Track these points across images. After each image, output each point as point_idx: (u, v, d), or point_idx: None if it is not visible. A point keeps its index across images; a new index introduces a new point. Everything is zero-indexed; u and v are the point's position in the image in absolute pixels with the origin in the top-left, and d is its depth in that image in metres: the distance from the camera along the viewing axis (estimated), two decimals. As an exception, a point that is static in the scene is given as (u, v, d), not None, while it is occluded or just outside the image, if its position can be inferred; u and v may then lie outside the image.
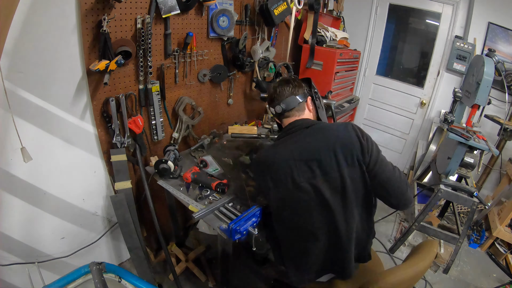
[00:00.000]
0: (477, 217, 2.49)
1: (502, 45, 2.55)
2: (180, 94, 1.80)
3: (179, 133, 1.84)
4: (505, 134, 2.22)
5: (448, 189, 1.90)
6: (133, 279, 1.15)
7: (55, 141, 1.35)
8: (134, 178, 1.71)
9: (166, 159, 1.54)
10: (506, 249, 2.26)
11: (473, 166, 1.91)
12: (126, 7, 1.35)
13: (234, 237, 1.18)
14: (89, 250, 1.63)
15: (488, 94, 1.79)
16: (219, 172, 1.66)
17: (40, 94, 1.24)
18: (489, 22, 2.56)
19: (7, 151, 1.20)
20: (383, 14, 3.13)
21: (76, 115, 1.38)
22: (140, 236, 1.63)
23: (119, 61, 1.28)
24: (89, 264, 1.11)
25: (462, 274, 2.13)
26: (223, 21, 1.79)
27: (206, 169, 1.66)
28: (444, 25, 2.81)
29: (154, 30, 1.48)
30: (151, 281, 1.65)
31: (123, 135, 1.54)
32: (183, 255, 1.88)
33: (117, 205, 1.52)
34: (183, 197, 1.45)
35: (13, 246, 1.35)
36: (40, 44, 1.17)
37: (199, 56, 1.78)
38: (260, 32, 2.12)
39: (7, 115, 1.13)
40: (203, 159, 1.69)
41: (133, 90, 1.54)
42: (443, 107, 2.97)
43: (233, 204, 1.41)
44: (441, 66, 2.91)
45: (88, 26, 1.26)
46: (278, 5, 1.98)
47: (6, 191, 1.26)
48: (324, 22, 2.77)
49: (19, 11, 1.04)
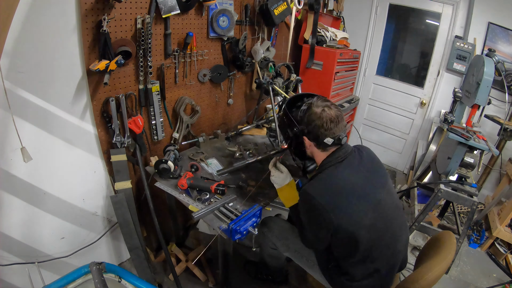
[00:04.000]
0: (477, 217, 2.49)
1: (502, 45, 2.55)
2: (180, 94, 1.80)
3: (180, 133, 1.84)
4: (505, 134, 2.22)
5: (448, 189, 1.90)
6: (133, 279, 1.15)
7: (55, 141, 1.35)
8: (134, 178, 1.70)
9: (166, 159, 1.53)
10: (506, 249, 2.26)
11: (473, 166, 1.91)
12: (126, 7, 1.35)
13: (234, 237, 1.18)
14: (89, 250, 1.63)
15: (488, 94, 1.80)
16: (224, 171, 1.66)
17: (40, 94, 1.23)
18: (489, 22, 2.56)
19: (7, 151, 1.20)
20: (383, 14, 3.13)
21: (76, 115, 1.38)
22: (140, 236, 1.63)
23: (119, 61, 1.28)
24: (89, 264, 1.11)
25: (462, 274, 2.13)
26: (223, 21, 1.79)
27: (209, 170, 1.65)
28: (444, 25, 2.81)
29: (154, 30, 1.48)
30: (151, 281, 1.65)
31: (123, 135, 1.53)
32: (183, 255, 1.88)
33: (117, 205, 1.52)
34: (183, 197, 1.45)
35: (13, 246, 1.35)
36: (40, 44, 1.17)
37: (199, 56, 1.78)
38: (260, 32, 2.12)
39: (7, 115, 1.13)
40: (195, 163, 1.67)
41: (133, 90, 1.54)
42: (443, 107, 2.97)
43: (233, 204, 1.41)
44: (441, 66, 2.91)
45: (88, 26, 1.26)
46: (278, 5, 1.98)
47: (6, 191, 1.26)
48: (324, 22, 2.77)
49: (19, 11, 1.04)
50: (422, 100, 3.11)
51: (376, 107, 3.46)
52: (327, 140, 1.11)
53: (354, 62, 2.90)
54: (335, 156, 1.15)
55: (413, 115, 3.23)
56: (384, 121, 3.45)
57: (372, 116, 3.52)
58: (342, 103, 2.78)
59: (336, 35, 2.69)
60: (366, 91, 3.46)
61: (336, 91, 2.75)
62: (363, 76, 3.42)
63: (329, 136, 1.11)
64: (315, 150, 1.19)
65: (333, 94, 2.67)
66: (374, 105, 3.47)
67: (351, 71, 2.91)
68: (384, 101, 3.38)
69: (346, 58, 2.65)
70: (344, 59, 2.61)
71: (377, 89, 3.39)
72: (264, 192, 1.53)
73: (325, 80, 2.55)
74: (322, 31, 2.61)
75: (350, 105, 2.87)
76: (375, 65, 3.34)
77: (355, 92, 3.38)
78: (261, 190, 1.53)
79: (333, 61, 2.47)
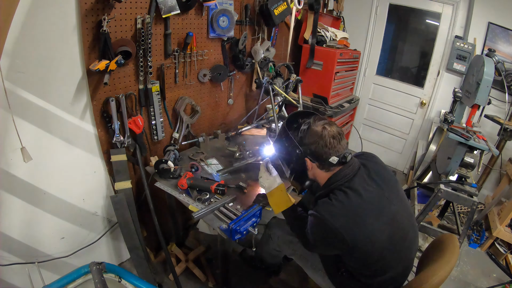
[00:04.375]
0: (477, 217, 2.49)
1: (502, 45, 2.55)
2: (180, 94, 1.80)
3: (180, 133, 1.84)
4: (505, 134, 2.22)
5: (448, 189, 1.90)
6: (133, 279, 1.15)
7: (55, 141, 1.35)
8: (134, 178, 1.70)
9: (166, 159, 1.54)
10: (506, 249, 2.26)
11: (473, 166, 1.91)
12: (126, 7, 1.35)
13: (234, 237, 1.19)
14: (89, 250, 1.63)
15: (488, 94, 1.80)
16: (224, 171, 1.66)
17: (40, 94, 1.23)
18: (489, 22, 2.56)
19: (7, 151, 1.20)
20: (383, 14, 3.13)
21: (76, 115, 1.38)
22: (140, 236, 1.63)
23: (119, 61, 1.28)
24: (89, 264, 1.11)
25: (462, 274, 2.13)
26: (223, 21, 1.79)
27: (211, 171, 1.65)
28: (444, 25, 2.81)
29: (154, 30, 1.48)
30: (151, 281, 1.65)
31: (123, 135, 1.53)
32: (183, 255, 1.88)
33: (117, 205, 1.52)
34: (183, 197, 1.45)
35: (13, 246, 1.35)
36: (40, 44, 1.17)
37: (199, 56, 1.78)
38: (260, 32, 2.12)
39: (7, 115, 1.13)
40: (194, 163, 1.67)
41: (133, 90, 1.54)
42: (443, 107, 2.97)
43: (233, 204, 1.41)
44: (441, 66, 2.91)
45: (88, 26, 1.26)
46: (278, 5, 1.98)
47: (6, 191, 1.26)
48: (324, 22, 2.77)
49: (19, 11, 1.04)
50: (422, 100, 3.11)
51: (376, 107, 3.46)
52: (332, 159, 1.06)
53: (354, 62, 2.90)
54: (343, 175, 1.09)
55: (413, 115, 3.23)
56: (384, 121, 3.45)
57: (372, 116, 3.52)
58: (342, 103, 2.78)
59: (336, 35, 2.69)
60: (366, 91, 3.46)
61: (336, 91, 2.75)
62: (363, 76, 3.42)
63: (333, 154, 1.06)
64: (318, 172, 1.14)
65: (333, 94, 2.67)
66: (374, 105, 3.47)
67: (351, 71, 2.91)
68: (384, 101, 3.38)
69: (346, 58, 2.65)
70: (344, 59, 2.61)
71: (377, 89, 3.39)
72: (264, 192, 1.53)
73: (325, 80, 2.55)
74: (322, 31, 2.61)
75: (350, 105, 2.87)
76: (375, 65, 3.34)
77: (355, 92, 3.38)
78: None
79: (333, 61, 2.47)
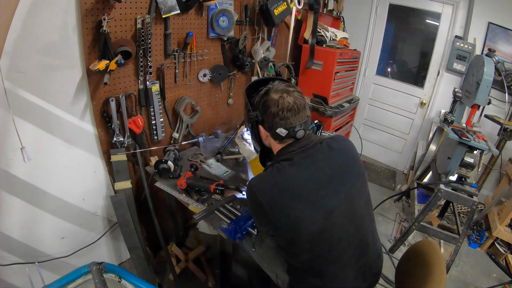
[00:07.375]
0: (477, 217, 2.49)
1: (502, 45, 2.55)
2: (180, 94, 1.80)
3: (180, 133, 1.84)
4: (505, 134, 2.23)
5: (448, 189, 1.90)
6: (133, 279, 1.15)
7: (55, 141, 1.35)
8: (134, 178, 1.70)
9: (166, 159, 1.54)
10: (506, 249, 2.26)
11: (473, 166, 1.91)
12: (126, 7, 1.35)
13: (234, 237, 1.18)
14: (89, 250, 1.62)
15: (488, 94, 1.80)
16: (229, 174, 1.67)
17: (40, 94, 1.23)
18: (489, 22, 2.56)
19: (7, 151, 1.20)
20: (383, 14, 3.13)
21: (76, 115, 1.38)
22: (140, 236, 1.63)
23: (119, 61, 1.28)
24: (89, 264, 1.11)
25: (462, 274, 2.13)
26: (223, 21, 1.79)
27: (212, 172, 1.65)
28: (444, 25, 2.81)
29: (154, 30, 1.48)
30: (151, 281, 1.65)
31: (123, 135, 1.53)
32: (183, 255, 1.88)
33: (117, 205, 1.52)
34: (182, 197, 1.45)
35: (13, 246, 1.35)
36: (40, 44, 1.17)
37: (199, 56, 1.78)
38: (260, 32, 2.12)
39: (7, 115, 1.13)
40: (194, 163, 1.67)
41: (133, 90, 1.54)
42: (443, 107, 2.97)
43: (233, 204, 1.41)
44: (441, 66, 2.91)
45: (88, 26, 1.26)
46: (278, 5, 1.98)
47: (6, 191, 1.26)
48: (324, 22, 2.77)
49: (19, 11, 1.04)
50: (422, 100, 3.11)
51: (376, 107, 3.46)
52: (279, 130, 0.97)
53: (354, 62, 2.90)
54: (290, 150, 1.00)
55: (413, 115, 3.23)
56: (384, 121, 3.45)
57: (372, 116, 3.52)
58: (342, 103, 2.78)
59: (336, 35, 2.69)
60: (366, 91, 3.46)
61: (336, 91, 2.75)
62: (363, 76, 3.42)
63: (282, 126, 0.97)
64: (272, 142, 1.05)
65: (333, 94, 2.67)
66: (374, 105, 3.47)
67: (351, 71, 2.91)
68: (384, 101, 3.38)
69: (346, 58, 2.65)
70: (344, 59, 2.61)
71: (377, 89, 3.40)
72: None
73: (325, 80, 2.55)
74: (322, 31, 2.61)
75: (350, 105, 2.87)
76: (375, 65, 3.34)
77: (355, 92, 3.38)
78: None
79: (333, 61, 2.47)
